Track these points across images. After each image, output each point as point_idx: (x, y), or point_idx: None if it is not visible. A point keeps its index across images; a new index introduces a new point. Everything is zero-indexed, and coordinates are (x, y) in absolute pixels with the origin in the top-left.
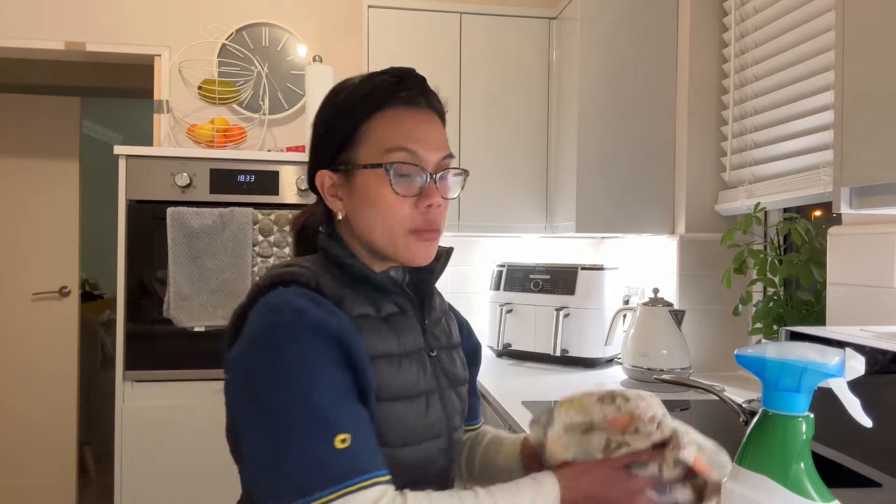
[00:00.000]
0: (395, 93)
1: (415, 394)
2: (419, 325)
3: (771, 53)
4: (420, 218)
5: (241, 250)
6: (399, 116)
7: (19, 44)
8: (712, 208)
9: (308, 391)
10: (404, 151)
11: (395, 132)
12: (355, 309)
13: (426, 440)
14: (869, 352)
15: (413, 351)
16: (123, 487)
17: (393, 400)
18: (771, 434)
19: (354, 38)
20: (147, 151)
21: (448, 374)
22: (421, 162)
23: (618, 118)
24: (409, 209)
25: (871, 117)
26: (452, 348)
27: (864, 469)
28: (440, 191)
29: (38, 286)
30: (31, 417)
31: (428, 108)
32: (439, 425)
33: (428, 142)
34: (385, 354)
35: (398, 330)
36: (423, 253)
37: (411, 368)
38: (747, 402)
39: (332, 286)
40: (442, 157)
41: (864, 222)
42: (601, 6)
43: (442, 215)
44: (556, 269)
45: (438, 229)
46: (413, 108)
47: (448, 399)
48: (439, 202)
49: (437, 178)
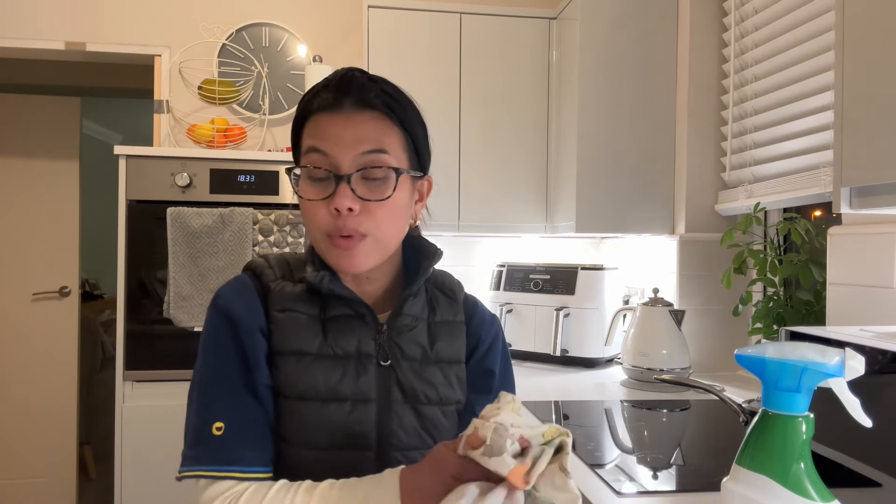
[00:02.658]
0: (316, 99)
1: (334, 398)
2: (374, 329)
3: (771, 53)
4: (332, 223)
5: (241, 250)
6: (317, 121)
7: (19, 44)
8: (712, 208)
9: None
10: (312, 152)
11: (309, 135)
12: (281, 304)
13: (346, 448)
14: (869, 352)
15: (348, 355)
16: (123, 487)
17: (301, 399)
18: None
19: (354, 38)
20: (147, 151)
21: (405, 388)
22: (331, 162)
23: (618, 118)
24: (324, 213)
25: (871, 117)
26: (431, 363)
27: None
28: (360, 192)
29: (38, 286)
30: (32, 417)
31: (354, 107)
32: (365, 438)
33: (339, 139)
34: (295, 352)
35: (334, 331)
36: (342, 261)
37: (332, 372)
38: (747, 402)
39: (272, 279)
40: (360, 153)
41: (864, 222)
42: (601, 6)
43: (361, 219)
44: (556, 269)
45: (354, 234)
46: (332, 110)
47: (395, 413)
48: (347, 205)
49: (352, 179)
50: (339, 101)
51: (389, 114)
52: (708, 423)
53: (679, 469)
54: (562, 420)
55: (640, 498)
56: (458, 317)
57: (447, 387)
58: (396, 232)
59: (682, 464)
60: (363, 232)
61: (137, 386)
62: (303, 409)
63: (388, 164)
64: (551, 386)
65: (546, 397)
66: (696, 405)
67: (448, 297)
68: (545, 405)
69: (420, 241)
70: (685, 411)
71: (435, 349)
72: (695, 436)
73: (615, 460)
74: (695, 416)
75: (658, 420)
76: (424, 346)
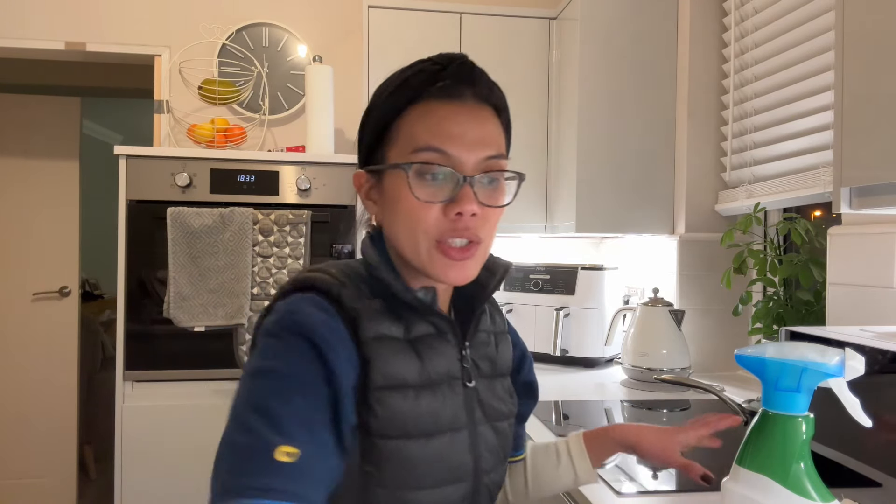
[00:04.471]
0: (431, 83)
1: (436, 430)
2: (458, 349)
3: (771, 53)
4: (448, 227)
5: (241, 250)
6: (433, 111)
7: (19, 44)
8: (712, 208)
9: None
10: (431, 151)
11: (426, 129)
12: (373, 329)
13: (445, 484)
14: (869, 352)
15: (442, 380)
16: (123, 487)
17: (405, 438)
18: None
19: (354, 38)
20: (147, 151)
21: (485, 407)
22: (452, 162)
23: (618, 118)
24: (436, 216)
25: (871, 117)
26: (497, 377)
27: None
28: (481, 197)
29: (38, 286)
30: (32, 417)
31: (475, 101)
32: (463, 468)
33: (464, 139)
34: (399, 385)
35: (427, 355)
36: (452, 271)
37: (436, 401)
38: (747, 402)
39: (353, 298)
40: (485, 157)
41: (864, 222)
42: (601, 6)
43: (479, 225)
44: (556, 269)
45: (475, 241)
46: (452, 100)
47: (480, 436)
48: (473, 210)
49: (475, 182)
50: (460, 92)
51: (500, 112)
52: None
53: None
54: (562, 420)
55: (640, 498)
56: (503, 325)
57: (510, 400)
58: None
59: None
60: (479, 238)
61: (137, 386)
62: (408, 448)
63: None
64: (551, 386)
65: (546, 397)
66: (696, 405)
67: (494, 304)
68: (545, 405)
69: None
70: (685, 411)
71: (499, 362)
72: None
73: (615, 460)
74: (695, 416)
75: (658, 420)
76: (493, 361)
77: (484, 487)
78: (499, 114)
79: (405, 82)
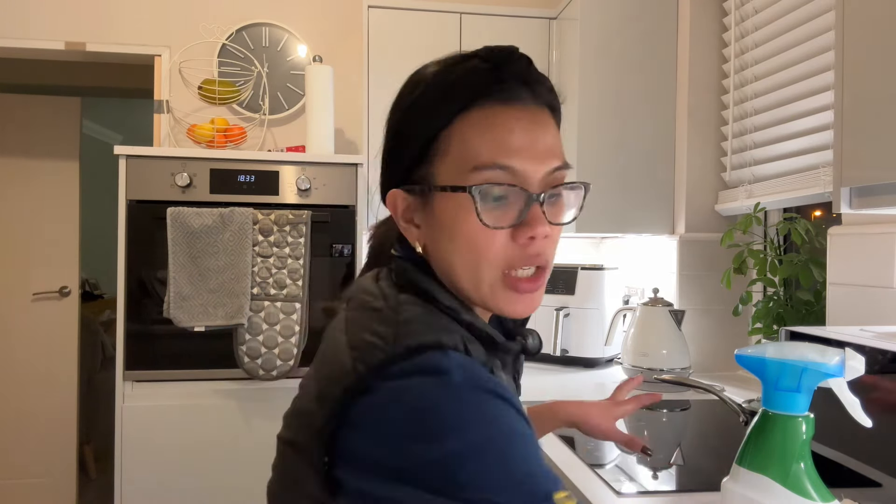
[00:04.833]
0: (487, 86)
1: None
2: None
3: (771, 53)
4: (519, 254)
5: (241, 250)
6: (491, 119)
7: (19, 44)
8: (712, 208)
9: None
10: (497, 169)
11: (486, 142)
12: (501, 375)
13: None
14: (869, 352)
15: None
16: (123, 487)
17: None
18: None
19: (354, 38)
20: (147, 151)
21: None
22: (521, 180)
23: (618, 118)
24: (504, 244)
25: (871, 117)
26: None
27: (864, 469)
28: (549, 215)
29: (38, 286)
30: (31, 417)
31: (534, 103)
32: None
33: (531, 151)
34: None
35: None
36: (520, 305)
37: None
38: (747, 402)
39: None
40: (552, 170)
41: (864, 222)
42: (601, 6)
43: (550, 248)
44: (556, 269)
45: (545, 268)
46: (511, 105)
47: None
48: (546, 232)
49: (545, 199)
50: (519, 94)
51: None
52: (708, 423)
53: (679, 469)
54: None
55: (640, 498)
56: None
57: None
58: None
59: (682, 464)
60: (548, 263)
61: (137, 386)
62: None
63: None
64: (551, 386)
65: (546, 397)
66: (696, 405)
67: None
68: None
69: None
70: (685, 411)
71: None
72: (695, 436)
73: (615, 460)
74: (695, 416)
75: (658, 420)
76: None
77: None
78: (555, 114)
79: (453, 85)
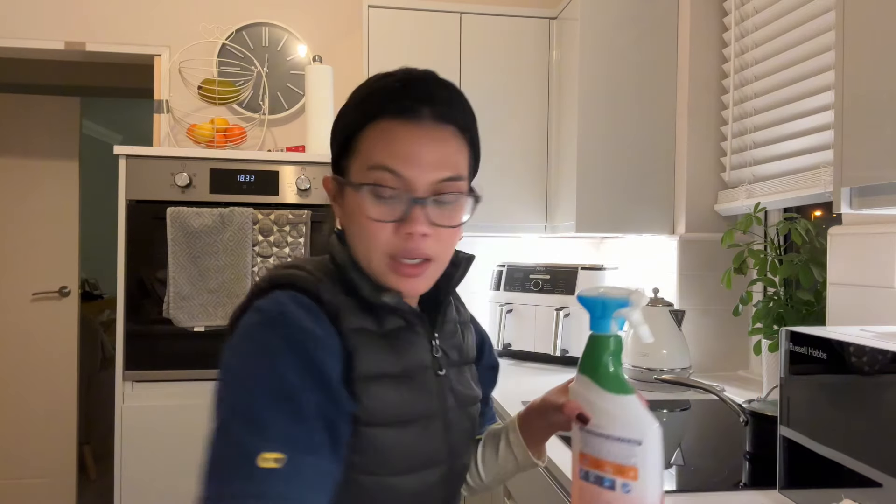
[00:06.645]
0: (391, 101)
1: (412, 418)
2: (428, 340)
3: (771, 53)
4: (402, 246)
5: (241, 250)
6: (390, 130)
7: (19, 44)
8: (712, 208)
9: (255, 398)
10: (385, 171)
11: (382, 148)
12: (353, 321)
13: (424, 469)
14: (869, 352)
15: (416, 370)
16: (123, 487)
17: (385, 426)
18: (591, 347)
19: (354, 38)
20: (147, 151)
21: (457, 394)
22: (405, 184)
23: (618, 118)
24: (389, 235)
25: (871, 117)
26: (465, 364)
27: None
28: (434, 217)
29: (38, 286)
30: (31, 417)
31: (433, 121)
32: (439, 453)
33: (418, 160)
34: (380, 375)
35: (400, 347)
36: (403, 285)
37: (411, 390)
38: (747, 402)
39: (331, 294)
40: (441, 179)
41: (864, 222)
42: (601, 6)
43: (431, 245)
44: (556, 269)
45: (428, 260)
46: (410, 119)
47: (454, 422)
48: (422, 231)
49: (430, 203)
50: (418, 111)
51: (464, 131)
52: (708, 423)
53: (679, 469)
54: None
55: None
56: (468, 315)
57: (475, 385)
58: (453, 252)
59: (682, 464)
60: (431, 256)
61: (137, 386)
62: (387, 436)
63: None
64: (551, 386)
65: None
66: (696, 405)
67: (456, 296)
68: None
69: None
70: (685, 411)
71: (467, 350)
72: (695, 436)
73: None
74: (695, 416)
75: (658, 420)
76: (461, 349)
77: (458, 469)
78: (463, 132)
79: (367, 98)
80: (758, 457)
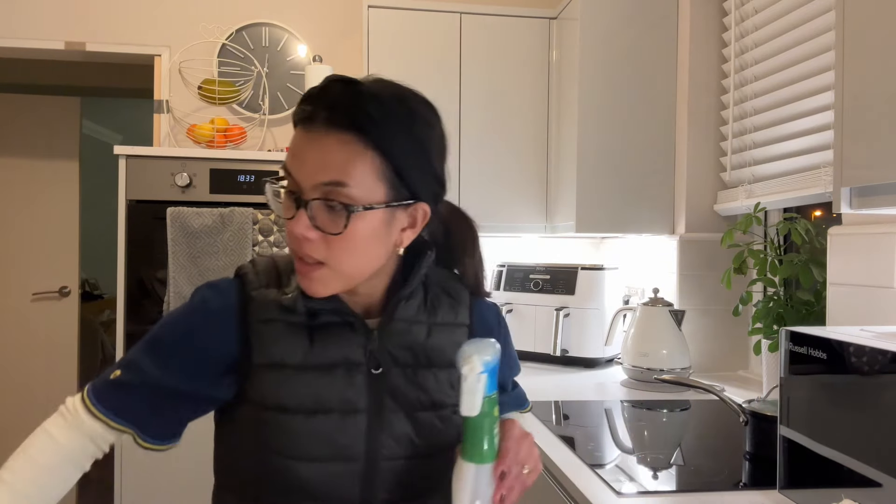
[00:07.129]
0: (298, 107)
1: (316, 409)
2: (364, 337)
3: (771, 53)
4: (293, 244)
5: (241, 250)
6: (295, 135)
7: (19, 44)
8: (712, 208)
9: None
10: (285, 172)
11: (289, 151)
12: (263, 313)
13: (330, 460)
14: (869, 352)
15: (336, 364)
16: (123, 487)
17: (280, 411)
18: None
19: (354, 38)
20: (147, 151)
21: (398, 396)
22: (296, 186)
23: (618, 118)
24: (290, 232)
25: (871, 117)
26: (425, 367)
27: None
28: (318, 220)
29: (38, 286)
30: (31, 417)
31: (325, 126)
32: (354, 449)
33: (301, 164)
34: (276, 364)
35: (322, 340)
36: (302, 283)
37: (318, 382)
38: (747, 402)
39: (256, 287)
40: (320, 183)
41: (864, 222)
42: (601, 6)
43: (315, 248)
44: (556, 269)
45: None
46: (304, 127)
47: (387, 422)
48: (299, 231)
49: (311, 206)
50: (312, 117)
51: (363, 136)
52: (708, 423)
53: (679, 469)
54: (562, 420)
55: (640, 498)
56: (461, 318)
57: (440, 391)
58: (362, 264)
59: (682, 464)
60: (320, 260)
61: None
62: (288, 422)
63: (344, 199)
64: (551, 386)
65: (546, 397)
66: (696, 405)
67: (452, 297)
68: (545, 405)
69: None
70: (685, 411)
71: (429, 353)
72: (695, 436)
73: (615, 460)
74: (695, 416)
75: (658, 420)
76: (418, 351)
77: (386, 473)
78: (366, 139)
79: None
80: (758, 457)
